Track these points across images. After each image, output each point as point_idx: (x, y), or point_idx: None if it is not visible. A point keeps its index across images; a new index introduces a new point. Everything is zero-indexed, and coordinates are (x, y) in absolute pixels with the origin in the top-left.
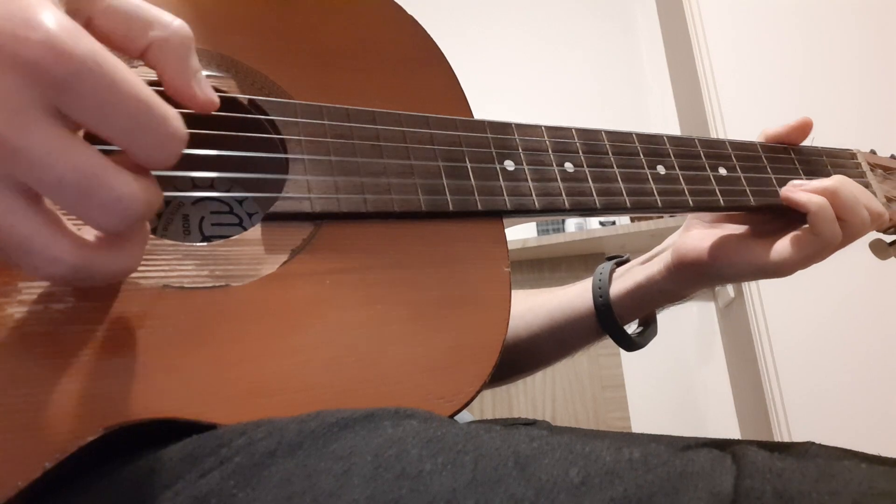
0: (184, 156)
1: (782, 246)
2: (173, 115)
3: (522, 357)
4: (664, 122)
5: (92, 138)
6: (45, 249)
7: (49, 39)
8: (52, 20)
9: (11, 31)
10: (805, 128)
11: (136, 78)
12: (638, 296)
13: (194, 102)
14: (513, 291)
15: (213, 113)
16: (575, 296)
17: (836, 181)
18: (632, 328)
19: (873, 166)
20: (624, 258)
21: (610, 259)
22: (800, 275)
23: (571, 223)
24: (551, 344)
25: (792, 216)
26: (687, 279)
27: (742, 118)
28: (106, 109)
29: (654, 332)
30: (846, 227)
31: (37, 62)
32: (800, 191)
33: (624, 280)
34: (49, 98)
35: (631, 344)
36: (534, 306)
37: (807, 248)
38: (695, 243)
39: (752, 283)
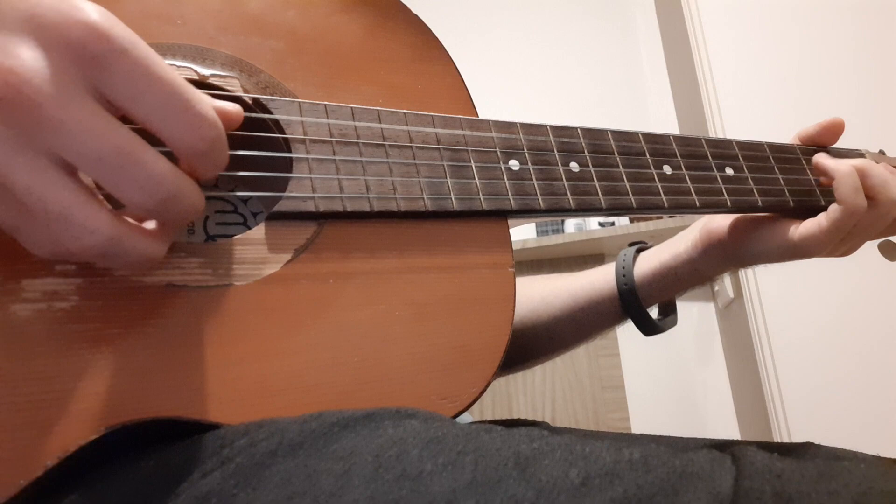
0: None
1: (810, 223)
2: (202, 100)
3: (541, 339)
4: (663, 123)
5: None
6: (85, 220)
7: (92, 22)
8: (93, 8)
9: (58, 11)
10: (835, 128)
11: (166, 65)
12: (662, 275)
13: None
14: (531, 276)
15: None
16: (597, 277)
17: (865, 162)
18: (652, 314)
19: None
20: (647, 245)
21: (632, 245)
22: (800, 275)
23: (571, 224)
24: (571, 326)
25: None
26: (713, 257)
27: (741, 119)
28: (139, 87)
29: (674, 321)
30: (877, 207)
31: (80, 40)
32: (829, 158)
33: (649, 261)
34: (90, 76)
35: (652, 328)
36: (555, 287)
37: (832, 217)
38: (724, 221)
39: (752, 284)
